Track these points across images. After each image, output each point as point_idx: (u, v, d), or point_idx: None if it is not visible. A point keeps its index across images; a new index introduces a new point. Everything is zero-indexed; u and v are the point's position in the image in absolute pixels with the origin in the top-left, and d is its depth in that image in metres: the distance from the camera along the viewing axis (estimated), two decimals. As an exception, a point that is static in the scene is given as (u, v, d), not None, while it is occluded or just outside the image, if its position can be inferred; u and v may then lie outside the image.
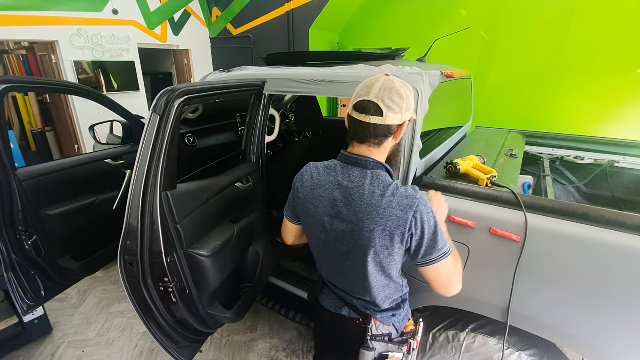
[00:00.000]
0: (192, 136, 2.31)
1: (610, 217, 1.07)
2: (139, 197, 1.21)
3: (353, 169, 0.95)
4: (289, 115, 2.97)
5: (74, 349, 2.13)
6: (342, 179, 0.95)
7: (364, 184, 0.92)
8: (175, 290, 1.33)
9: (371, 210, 0.89)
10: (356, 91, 0.93)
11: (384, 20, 4.87)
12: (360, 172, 0.94)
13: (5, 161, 1.59)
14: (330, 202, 0.97)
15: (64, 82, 3.03)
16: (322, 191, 0.98)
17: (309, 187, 1.01)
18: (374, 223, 0.89)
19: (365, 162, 0.94)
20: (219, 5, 5.80)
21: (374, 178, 0.93)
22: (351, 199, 0.93)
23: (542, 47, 3.84)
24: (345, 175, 0.95)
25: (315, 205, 0.99)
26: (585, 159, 2.25)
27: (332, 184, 0.97)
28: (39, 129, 5.05)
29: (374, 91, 0.88)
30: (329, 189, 0.97)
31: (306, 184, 1.01)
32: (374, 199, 0.90)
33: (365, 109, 0.89)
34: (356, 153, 0.95)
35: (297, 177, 1.06)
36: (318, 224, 1.00)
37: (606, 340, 1.10)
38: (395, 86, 0.89)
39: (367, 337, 1.03)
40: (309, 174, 1.02)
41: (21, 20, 3.81)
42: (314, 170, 1.02)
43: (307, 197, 1.01)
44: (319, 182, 0.99)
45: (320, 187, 0.98)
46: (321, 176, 0.99)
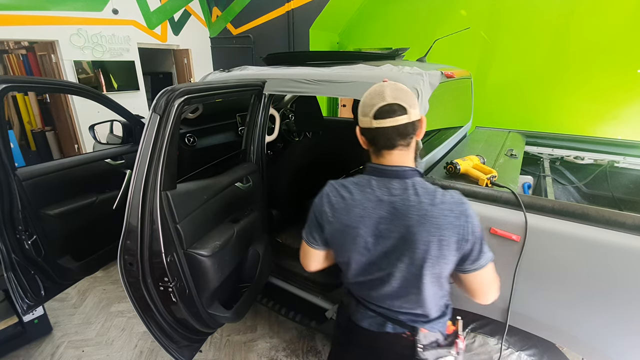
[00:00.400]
0: (192, 136, 2.31)
1: (610, 217, 1.08)
2: (139, 196, 1.21)
3: (392, 181, 0.88)
4: (289, 115, 2.97)
5: (73, 349, 2.13)
6: (381, 194, 0.88)
7: (408, 195, 0.86)
8: (175, 290, 1.33)
9: (424, 221, 0.83)
10: (365, 103, 0.88)
11: (384, 20, 4.87)
12: (400, 182, 0.88)
13: (5, 161, 1.59)
14: (373, 221, 0.88)
15: (64, 82, 3.04)
16: (361, 211, 0.89)
17: (342, 209, 0.91)
18: (429, 234, 0.83)
19: (403, 172, 0.88)
20: (219, 5, 5.80)
21: (416, 187, 0.87)
22: (398, 213, 0.86)
23: (542, 47, 3.84)
24: (383, 189, 0.88)
25: (355, 227, 0.89)
26: (585, 159, 2.25)
27: (371, 201, 0.88)
28: (38, 129, 5.05)
29: (388, 94, 0.85)
30: (369, 208, 0.88)
31: (338, 205, 0.91)
32: (425, 209, 0.84)
33: (389, 112, 0.84)
34: (389, 163, 0.89)
35: (323, 200, 0.95)
36: (359, 247, 0.91)
37: (606, 340, 1.10)
38: (400, 85, 0.89)
39: (417, 349, 0.97)
40: (337, 195, 0.93)
41: (21, 19, 3.80)
42: (342, 189, 0.93)
43: (343, 220, 0.91)
44: (355, 201, 0.90)
45: (357, 206, 0.89)
46: (354, 195, 0.90)
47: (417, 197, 0.86)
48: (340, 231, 0.92)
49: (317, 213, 0.97)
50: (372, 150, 0.92)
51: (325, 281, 1.97)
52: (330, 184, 0.97)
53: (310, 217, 1.00)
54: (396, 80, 1.40)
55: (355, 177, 0.95)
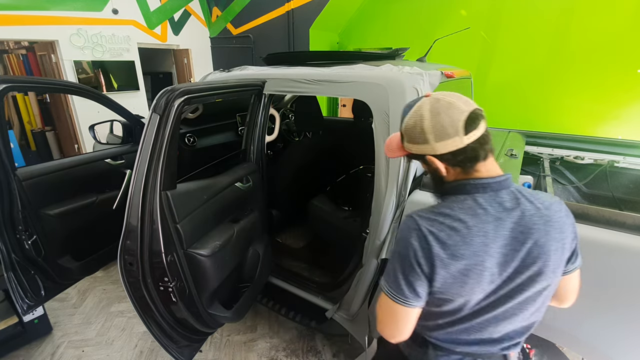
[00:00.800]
0: (192, 136, 2.31)
1: (610, 217, 1.08)
2: (139, 196, 1.21)
3: (499, 194, 0.76)
4: (289, 115, 2.97)
5: (73, 349, 2.12)
6: (496, 211, 0.74)
7: (522, 205, 0.75)
8: (175, 290, 1.33)
9: (549, 228, 0.74)
10: (440, 124, 0.73)
11: (384, 20, 4.87)
12: (508, 193, 0.77)
13: (5, 161, 1.59)
14: (497, 246, 0.73)
15: (64, 82, 3.04)
16: (482, 238, 0.73)
17: (458, 243, 0.73)
18: (555, 241, 0.75)
19: (506, 181, 0.77)
20: (219, 5, 5.80)
21: (523, 193, 0.77)
22: (522, 228, 0.74)
23: (542, 47, 3.84)
24: (495, 205, 0.75)
25: (481, 261, 0.73)
26: (585, 159, 2.25)
27: (490, 222, 0.73)
28: (38, 129, 5.05)
29: (463, 102, 0.74)
30: (490, 232, 0.73)
31: (452, 241, 0.73)
32: (545, 215, 0.75)
33: (477, 118, 0.73)
34: (488, 174, 0.77)
35: (425, 240, 0.74)
36: (484, 283, 0.75)
37: (607, 340, 1.10)
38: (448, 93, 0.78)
39: None
40: (443, 228, 0.74)
41: (21, 19, 3.80)
42: (446, 219, 0.75)
43: (463, 257, 0.73)
44: (471, 229, 0.73)
45: (477, 234, 0.73)
46: (467, 221, 0.74)
47: (531, 204, 0.76)
48: (461, 272, 0.73)
49: (418, 259, 0.74)
50: (460, 171, 0.78)
51: (325, 281, 1.97)
52: (420, 218, 0.77)
53: (403, 267, 0.77)
54: (396, 80, 1.41)
55: (448, 201, 0.79)
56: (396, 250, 0.81)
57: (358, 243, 1.67)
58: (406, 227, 0.79)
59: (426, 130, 0.74)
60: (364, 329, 1.67)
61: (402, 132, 0.82)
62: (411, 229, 0.77)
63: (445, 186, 0.82)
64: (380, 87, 1.42)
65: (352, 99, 2.93)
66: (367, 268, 1.54)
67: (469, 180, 0.77)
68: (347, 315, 1.73)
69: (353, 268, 1.70)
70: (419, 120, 0.75)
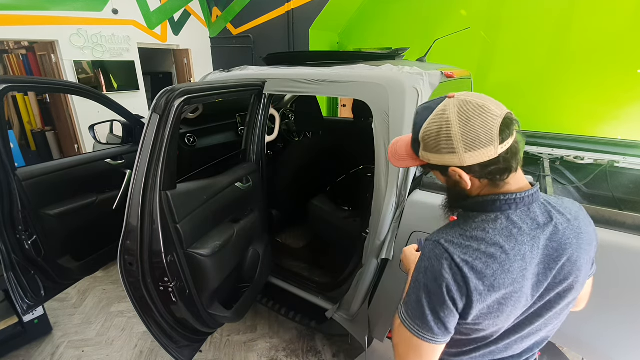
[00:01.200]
0: (192, 136, 2.31)
1: (610, 217, 1.07)
2: (139, 196, 1.21)
3: (531, 208, 0.69)
4: (289, 115, 2.97)
5: (73, 349, 2.12)
6: (531, 229, 0.67)
7: (554, 218, 0.69)
8: (175, 290, 1.33)
9: (580, 241, 0.70)
10: (472, 131, 0.62)
11: (384, 20, 4.87)
12: (539, 206, 0.70)
13: (5, 161, 1.59)
14: (533, 268, 0.67)
15: (64, 82, 3.04)
16: (521, 262, 0.65)
17: (497, 272, 0.64)
18: (585, 254, 0.71)
19: (537, 193, 0.70)
20: (219, 5, 5.79)
21: (552, 204, 0.72)
22: (555, 245, 0.68)
23: (542, 47, 3.84)
24: (528, 222, 0.68)
25: (520, 287, 0.66)
26: (585, 159, 2.25)
27: (526, 243, 0.66)
28: (38, 129, 5.05)
29: (494, 105, 0.63)
30: (527, 254, 0.66)
31: (489, 270, 0.64)
32: (575, 227, 0.70)
33: (512, 124, 0.63)
34: (518, 187, 0.69)
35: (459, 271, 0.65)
36: (519, 308, 0.69)
37: (607, 340, 1.10)
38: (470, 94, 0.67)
39: None
40: (479, 256, 0.65)
41: (21, 19, 3.80)
42: (481, 244, 0.66)
43: (503, 286, 0.65)
44: (509, 253, 0.65)
45: (515, 259, 0.65)
46: (504, 245, 0.65)
47: (562, 216, 0.70)
48: (498, 302, 0.66)
49: (452, 295, 0.65)
50: (487, 183, 0.69)
51: (326, 281, 1.97)
52: (451, 244, 0.68)
53: (433, 303, 0.67)
54: (396, 80, 1.41)
55: (477, 221, 0.70)
56: (422, 281, 0.69)
57: (358, 243, 1.67)
58: (434, 255, 0.68)
59: (454, 138, 0.63)
60: (364, 329, 1.67)
61: (420, 139, 0.69)
62: (441, 258, 0.67)
63: (469, 202, 0.72)
64: (380, 87, 1.42)
65: (352, 99, 2.93)
66: (367, 268, 1.54)
67: (499, 196, 0.68)
68: (347, 316, 1.73)
69: (353, 268, 1.70)
70: (445, 127, 0.64)
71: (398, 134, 1.36)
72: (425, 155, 0.70)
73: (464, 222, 0.71)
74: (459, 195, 0.74)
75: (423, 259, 0.71)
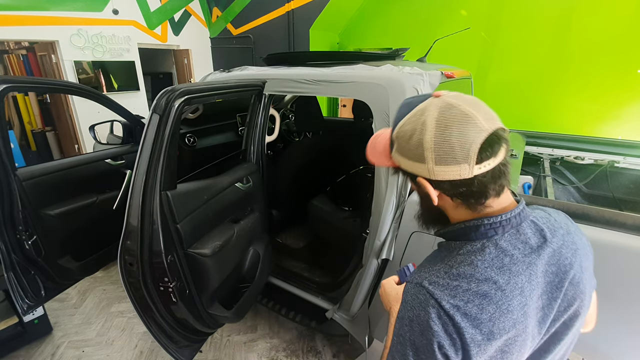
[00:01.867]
0: (192, 136, 2.31)
1: (610, 217, 1.07)
2: (139, 197, 1.21)
3: (521, 229, 0.60)
4: (289, 115, 2.97)
5: (74, 349, 2.12)
6: (523, 255, 0.58)
7: (548, 239, 0.61)
8: (175, 290, 1.33)
9: (580, 259, 0.63)
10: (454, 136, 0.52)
11: (384, 20, 4.87)
12: (530, 226, 0.61)
13: (5, 161, 1.59)
14: (534, 301, 0.58)
15: (64, 82, 3.04)
16: (520, 298, 0.56)
17: (494, 314, 0.54)
18: (586, 272, 0.64)
19: (524, 211, 0.61)
20: (219, 5, 5.80)
21: (541, 221, 0.63)
22: (554, 269, 0.60)
23: (542, 47, 3.84)
24: (521, 247, 0.59)
25: (523, 328, 0.56)
26: (585, 159, 2.25)
27: (521, 274, 0.57)
28: (39, 129, 5.05)
29: (483, 115, 0.53)
30: (525, 286, 0.56)
31: (485, 314, 0.54)
32: (571, 243, 0.63)
33: (498, 142, 0.53)
34: (502, 208, 0.59)
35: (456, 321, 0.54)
36: (526, 350, 0.59)
37: (608, 340, 1.10)
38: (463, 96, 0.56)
39: None
40: (471, 300, 0.54)
41: (21, 20, 3.80)
42: (472, 284, 0.55)
43: (503, 330, 0.54)
44: (505, 290, 0.55)
45: (513, 295, 0.55)
46: (498, 280, 0.55)
47: (554, 233, 0.62)
48: (500, 350, 0.55)
49: (445, 351, 0.54)
50: (463, 204, 0.60)
51: (326, 281, 1.97)
52: (436, 287, 0.57)
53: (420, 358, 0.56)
54: (396, 80, 1.41)
55: (461, 253, 0.60)
56: (406, 336, 0.57)
57: (358, 243, 1.67)
58: (418, 303, 0.57)
59: (425, 146, 0.54)
60: (364, 329, 1.67)
61: (394, 137, 0.61)
62: (426, 305, 0.56)
63: (449, 230, 0.64)
64: (381, 87, 1.42)
65: (352, 99, 2.93)
66: (367, 268, 1.54)
67: (482, 220, 0.58)
68: (347, 316, 1.73)
69: (353, 268, 1.70)
70: (420, 130, 0.55)
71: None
72: (396, 157, 0.61)
73: (448, 256, 0.61)
74: (431, 210, 0.66)
75: (406, 307, 0.59)
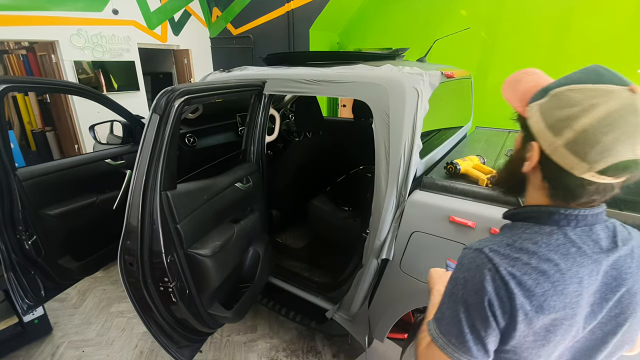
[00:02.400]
0: (192, 136, 2.31)
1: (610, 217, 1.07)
2: (139, 197, 1.21)
3: (594, 229, 0.59)
4: (289, 115, 2.97)
5: (74, 349, 2.12)
6: (592, 252, 0.58)
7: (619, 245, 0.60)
8: (175, 290, 1.33)
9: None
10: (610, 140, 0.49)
11: (384, 20, 4.87)
12: (603, 228, 0.60)
13: (5, 161, 1.59)
14: (588, 296, 0.58)
15: (64, 82, 3.04)
16: (577, 286, 0.56)
17: (548, 293, 0.55)
18: None
19: (602, 213, 0.60)
20: (219, 5, 5.80)
21: (617, 230, 0.62)
22: (615, 273, 0.59)
23: (542, 47, 3.84)
24: (591, 244, 0.58)
25: (573, 314, 0.56)
26: (585, 159, 2.25)
27: (585, 266, 0.57)
28: (39, 129, 5.05)
29: None
30: (585, 278, 0.56)
31: (539, 288, 0.55)
32: (635, 257, 0.61)
33: (632, 169, 0.51)
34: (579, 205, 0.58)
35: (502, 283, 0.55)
36: (567, 340, 0.59)
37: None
38: None
39: None
40: (528, 270, 0.55)
41: (21, 20, 3.80)
42: (532, 259, 0.56)
43: (554, 309, 0.55)
44: (564, 273, 0.56)
45: (571, 280, 0.56)
46: (559, 262, 0.56)
47: (626, 244, 0.61)
48: (545, 329, 0.56)
49: (494, 310, 0.56)
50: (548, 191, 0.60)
51: (326, 281, 1.97)
52: (496, 254, 0.58)
53: (472, 319, 0.57)
54: (396, 80, 1.41)
55: (528, 231, 0.60)
56: (459, 294, 0.59)
57: (358, 243, 1.67)
58: (474, 265, 0.59)
59: (574, 126, 0.51)
60: (364, 329, 1.67)
61: (551, 93, 0.56)
62: (483, 268, 0.57)
63: (520, 211, 0.64)
64: (380, 87, 1.42)
65: (352, 99, 2.93)
66: (367, 268, 1.54)
67: (558, 209, 0.59)
68: (347, 316, 1.73)
69: (353, 268, 1.70)
70: (584, 108, 0.50)
71: (398, 134, 1.36)
72: (533, 111, 0.58)
73: (512, 232, 0.62)
74: (515, 175, 0.65)
75: (461, 269, 0.61)
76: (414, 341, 0.69)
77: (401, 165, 1.37)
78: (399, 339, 1.79)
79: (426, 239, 1.37)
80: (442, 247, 1.33)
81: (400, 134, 1.36)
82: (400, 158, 1.37)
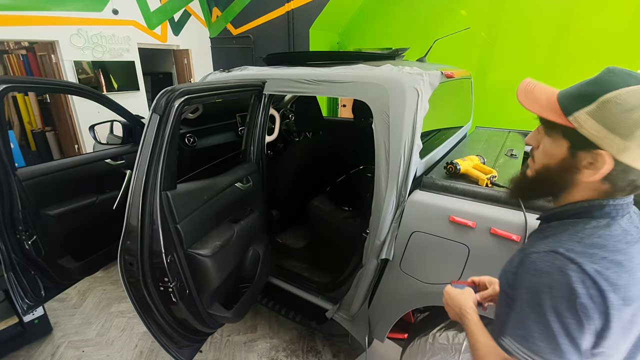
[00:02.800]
0: (192, 136, 2.31)
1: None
2: (139, 197, 1.21)
3: (632, 215, 0.63)
4: (289, 115, 2.97)
5: (74, 349, 2.13)
6: (638, 234, 0.61)
7: None
8: (175, 290, 1.33)
9: None
10: None
11: (384, 20, 4.87)
12: (637, 214, 0.65)
13: (5, 161, 1.59)
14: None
15: (64, 82, 3.04)
16: None
17: (628, 284, 0.54)
18: None
19: (631, 204, 0.64)
20: (219, 5, 5.80)
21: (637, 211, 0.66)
22: None
23: (542, 47, 3.84)
24: (634, 230, 0.61)
25: None
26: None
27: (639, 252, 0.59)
28: (39, 129, 5.05)
29: None
30: None
31: (622, 281, 0.54)
32: None
33: None
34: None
35: (600, 285, 0.53)
36: None
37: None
38: None
39: None
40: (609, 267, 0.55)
41: (21, 20, 3.80)
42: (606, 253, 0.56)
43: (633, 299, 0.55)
44: (632, 264, 0.56)
45: (638, 269, 0.57)
46: (628, 254, 0.57)
47: None
48: (630, 321, 0.56)
49: (589, 313, 0.53)
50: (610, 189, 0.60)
51: (326, 281, 1.97)
52: (576, 254, 0.56)
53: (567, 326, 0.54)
54: (396, 80, 1.41)
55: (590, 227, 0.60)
56: (545, 303, 0.55)
57: (358, 243, 1.67)
58: (554, 267, 0.56)
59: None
60: (364, 329, 1.67)
61: (601, 100, 0.56)
62: (566, 269, 0.54)
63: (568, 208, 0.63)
64: (380, 87, 1.42)
65: (352, 99, 2.93)
66: (367, 268, 1.54)
67: (607, 201, 0.60)
68: (348, 316, 1.73)
69: (353, 268, 1.70)
70: None
71: (398, 134, 1.36)
72: (585, 119, 0.56)
73: (569, 230, 0.61)
74: (552, 179, 0.64)
75: (537, 275, 0.57)
76: None
77: (401, 165, 1.37)
78: (399, 339, 1.79)
79: (426, 239, 1.37)
80: (442, 247, 1.33)
81: (400, 134, 1.36)
82: (400, 158, 1.37)
